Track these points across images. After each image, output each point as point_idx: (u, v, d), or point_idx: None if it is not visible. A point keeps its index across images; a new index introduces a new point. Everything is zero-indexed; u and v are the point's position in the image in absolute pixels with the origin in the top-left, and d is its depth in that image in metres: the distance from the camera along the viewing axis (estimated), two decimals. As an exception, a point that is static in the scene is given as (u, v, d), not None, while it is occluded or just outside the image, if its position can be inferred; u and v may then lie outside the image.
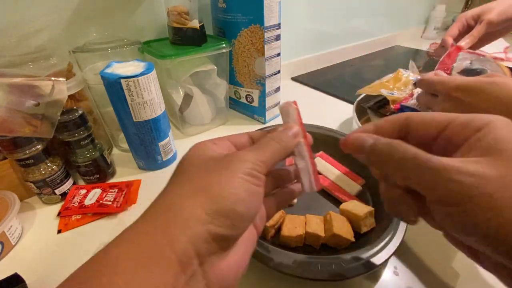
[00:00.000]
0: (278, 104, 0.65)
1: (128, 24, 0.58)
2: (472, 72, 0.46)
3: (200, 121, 0.61)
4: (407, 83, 0.53)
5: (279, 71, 0.61)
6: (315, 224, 0.33)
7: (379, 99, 0.55)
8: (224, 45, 0.54)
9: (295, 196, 0.25)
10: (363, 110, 0.55)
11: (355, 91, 0.56)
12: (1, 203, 0.37)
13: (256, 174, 0.18)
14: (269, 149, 0.20)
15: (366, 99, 0.57)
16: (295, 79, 0.89)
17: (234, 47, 0.59)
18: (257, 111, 0.64)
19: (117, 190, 0.43)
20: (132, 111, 0.42)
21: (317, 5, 0.87)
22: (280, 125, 0.22)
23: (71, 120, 0.40)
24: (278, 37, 0.56)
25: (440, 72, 0.38)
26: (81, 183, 0.46)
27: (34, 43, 0.48)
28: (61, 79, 0.39)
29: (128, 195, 0.43)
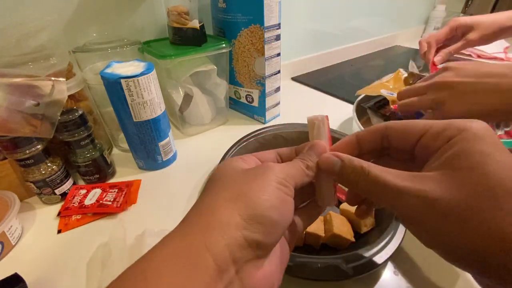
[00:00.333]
0: (278, 104, 0.65)
1: (128, 24, 0.58)
2: None
3: (200, 121, 0.61)
4: (407, 83, 0.54)
5: (279, 71, 0.61)
6: (315, 224, 0.33)
7: (379, 99, 0.55)
8: (224, 45, 0.54)
9: (322, 210, 0.24)
10: (363, 110, 0.55)
11: (355, 91, 0.56)
12: (1, 203, 0.37)
13: (286, 183, 0.18)
14: (296, 168, 0.20)
15: (366, 99, 0.57)
16: (295, 79, 0.89)
17: (234, 47, 0.59)
18: (257, 111, 0.64)
19: (117, 190, 0.43)
20: (132, 111, 0.42)
21: (317, 5, 0.87)
22: (306, 144, 0.23)
23: (71, 120, 0.40)
24: (278, 37, 0.56)
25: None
26: (81, 183, 0.46)
27: (34, 43, 0.48)
28: (61, 79, 0.39)
29: (128, 195, 0.43)
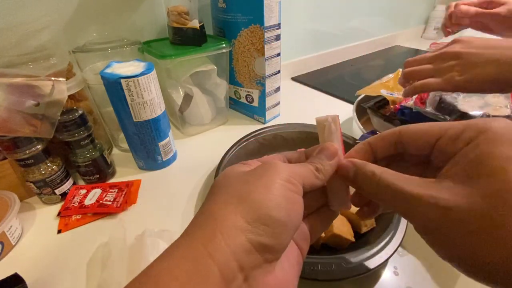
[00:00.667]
0: (278, 104, 0.65)
1: (128, 24, 0.58)
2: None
3: (200, 121, 0.61)
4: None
5: (279, 71, 0.61)
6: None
7: (379, 99, 0.55)
8: (224, 45, 0.54)
9: (336, 214, 0.23)
10: (363, 110, 0.55)
11: (355, 91, 0.56)
12: (1, 203, 0.37)
13: (292, 181, 0.17)
14: (305, 168, 0.19)
15: (366, 99, 0.57)
16: (295, 79, 0.89)
17: (234, 47, 0.59)
18: (257, 111, 0.64)
19: (117, 190, 0.43)
20: (132, 111, 0.42)
21: (317, 5, 0.87)
22: (317, 147, 0.21)
23: (71, 120, 0.40)
24: (278, 37, 0.56)
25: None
26: (81, 183, 0.46)
27: (34, 43, 0.48)
28: (61, 79, 0.39)
29: (128, 195, 0.43)
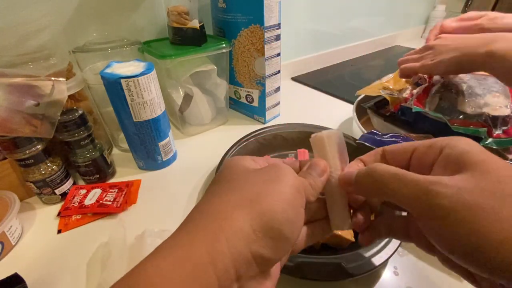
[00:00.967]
0: (278, 104, 0.65)
1: (128, 24, 0.58)
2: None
3: (200, 121, 0.61)
4: (407, 83, 0.53)
5: (279, 71, 0.61)
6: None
7: (379, 99, 0.55)
8: (224, 45, 0.54)
9: (326, 231, 0.23)
10: (363, 110, 0.55)
11: (355, 91, 0.56)
12: (1, 203, 0.37)
13: (302, 192, 0.17)
14: (306, 183, 0.19)
15: (366, 99, 0.57)
16: (295, 79, 0.89)
17: (234, 47, 0.59)
18: (257, 111, 0.64)
19: (117, 190, 0.43)
20: (132, 111, 0.42)
21: (317, 5, 0.87)
22: (307, 161, 0.22)
23: (71, 120, 0.40)
24: (278, 37, 0.56)
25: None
26: (81, 183, 0.46)
27: (34, 43, 0.48)
28: (61, 79, 0.39)
29: (128, 195, 0.43)
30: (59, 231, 0.38)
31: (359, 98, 0.57)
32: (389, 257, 0.28)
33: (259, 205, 0.15)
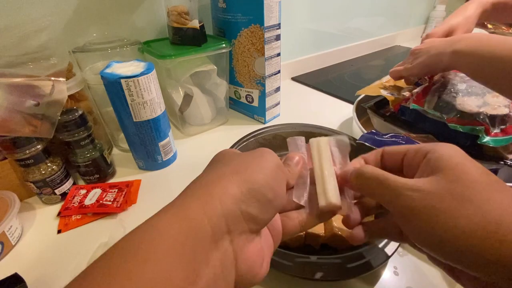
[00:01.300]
0: (278, 104, 0.65)
1: (128, 24, 0.58)
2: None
3: (200, 121, 0.61)
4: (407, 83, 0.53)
5: (279, 71, 0.61)
6: (315, 224, 0.33)
7: (379, 99, 0.55)
8: (224, 45, 0.54)
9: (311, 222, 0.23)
10: (363, 110, 0.55)
11: (355, 91, 0.56)
12: (1, 203, 0.37)
13: (283, 170, 0.20)
14: (286, 169, 0.23)
15: (366, 99, 0.57)
16: (295, 79, 0.89)
17: (234, 47, 0.59)
18: (257, 111, 0.64)
19: (117, 190, 0.43)
20: (132, 111, 0.42)
21: (317, 5, 0.87)
22: (285, 156, 0.25)
23: (71, 120, 0.40)
24: (278, 37, 0.56)
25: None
26: (81, 183, 0.46)
27: (34, 43, 0.48)
28: (61, 79, 0.39)
29: (128, 195, 0.43)
30: (59, 231, 0.38)
31: (359, 98, 0.57)
32: (389, 257, 0.28)
33: (246, 175, 0.18)
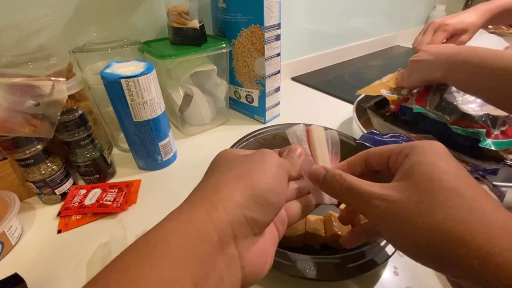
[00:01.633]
0: (278, 104, 0.65)
1: (128, 24, 0.58)
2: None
3: (200, 121, 0.61)
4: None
5: (279, 71, 0.61)
6: (315, 223, 0.33)
7: (379, 99, 0.55)
8: (224, 45, 0.54)
9: (311, 205, 0.25)
10: (363, 110, 0.55)
11: (355, 91, 0.56)
12: (1, 203, 0.37)
13: (284, 169, 0.21)
14: (288, 162, 0.23)
15: (366, 99, 0.57)
16: (295, 79, 0.89)
17: (234, 47, 0.59)
18: (257, 111, 0.64)
19: (117, 190, 0.43)
20: (132, 111, 0.42)
21: (317, 5, 0.87)
22: (286, 148, 0.25)
23: (71, 120, 0.40)
24: (278, 37, 0.56)
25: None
26: (81, 183, 0.46)
27: (34, 43, 0.48)
28: (61, 79, 0.39)
29: (128, 195, 0.43)
30: (59, 231, 0.38)
31: (359, 98, 0.57)
32: (389, 257, 0.28)
33: (248, 180, 0.18)
